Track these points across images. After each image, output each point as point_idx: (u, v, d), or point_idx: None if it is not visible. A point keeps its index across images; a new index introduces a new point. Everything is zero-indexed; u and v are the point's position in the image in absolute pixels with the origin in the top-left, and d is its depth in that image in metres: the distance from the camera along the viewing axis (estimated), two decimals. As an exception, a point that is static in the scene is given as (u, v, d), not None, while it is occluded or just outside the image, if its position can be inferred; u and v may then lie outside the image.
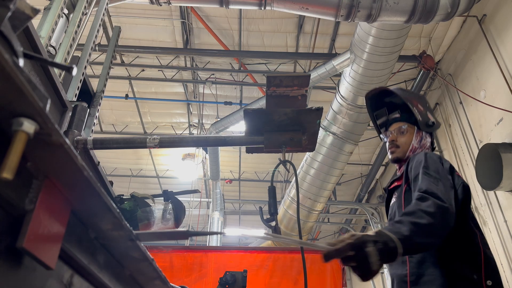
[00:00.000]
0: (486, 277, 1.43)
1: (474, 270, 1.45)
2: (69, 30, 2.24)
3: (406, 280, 1.54)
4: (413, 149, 1.84)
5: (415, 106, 1.85)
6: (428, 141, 1.88)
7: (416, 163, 1.62)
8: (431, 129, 1.86)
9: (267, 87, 1.50)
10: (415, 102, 1.87)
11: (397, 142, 1.87)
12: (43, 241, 0.50)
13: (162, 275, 0.92)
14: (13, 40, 0.44)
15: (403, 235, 1.25)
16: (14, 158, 0.41)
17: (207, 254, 3.79)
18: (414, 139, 1.85)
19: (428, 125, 1.85)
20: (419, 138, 1.86)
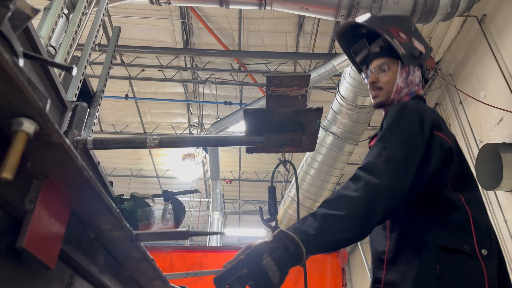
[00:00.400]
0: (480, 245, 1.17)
1: (464, 239, 1.18)
2: (69, 30, 2.24)
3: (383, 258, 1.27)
4: (398, 89, 1.48)
5: (395, 36, 1.48)
6: (417, 76, 1.51)
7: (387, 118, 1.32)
8: (419, 61, 1.49)
9: (267, 87, 1.50)
10: (395, 31, 1.49)
11: (378, 83, 1.50)
12: (43, 241, 0.50)
13: (162, 275, 0.92)
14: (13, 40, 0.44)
15: (308, 234, 1.04)
16: (14, 158, 0.41)
17: (207, 254, 3.79)
18: (399, 77, 1.48)
19: (414, 56, 1.48)
20: (405, 75, 1.49)
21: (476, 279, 1.13)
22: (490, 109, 5.50)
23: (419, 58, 1.48)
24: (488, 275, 1.13)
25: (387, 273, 1.24)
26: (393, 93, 1.49)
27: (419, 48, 1.51)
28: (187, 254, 3.79)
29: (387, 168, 1.15)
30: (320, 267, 3.64)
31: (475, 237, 1.18)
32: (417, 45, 1.51)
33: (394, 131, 1.26)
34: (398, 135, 1.24)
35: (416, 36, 1.54)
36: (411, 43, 1.49)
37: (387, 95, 1.49)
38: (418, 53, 1.48)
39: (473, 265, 1.15)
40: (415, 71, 1.51)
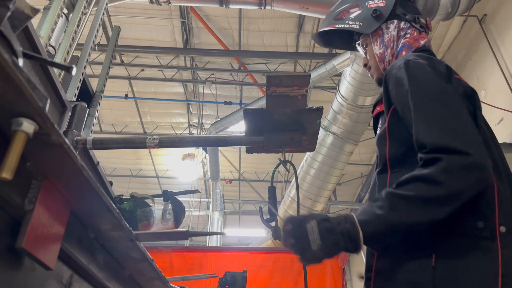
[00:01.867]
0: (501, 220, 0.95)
1: (480, 214, 0.96)
2: (69, 30, 2.24)
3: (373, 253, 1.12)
4: (380, 57, 1.35)
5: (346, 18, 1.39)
6: (391, 31, 1.33)
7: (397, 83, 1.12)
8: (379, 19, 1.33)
9: (267, 87, 1.50)
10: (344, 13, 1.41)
11: (367, 63, 1.42)
12: (42, 241, 0.50)
13: (162, 275, 0.91)
14: (13, 40, 0.44)
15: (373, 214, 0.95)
16: (14, 158, 0.41)
17: (207, 255, 3.79)
18: (374, 46, 1.36)
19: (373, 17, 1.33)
20: (379, 39, 1.34)
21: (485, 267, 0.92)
22: (490, 109, 5.50)
23: (378, 15, 1.33)
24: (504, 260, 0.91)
25: (378, 260, 1.09)
26: (379, 64, 1.36)
27: (375, 5, 1.35)
28: (187, 254, 3.79)
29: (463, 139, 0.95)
30: (320, 267, 3.64)
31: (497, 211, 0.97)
32: (373, 4, 1.36)
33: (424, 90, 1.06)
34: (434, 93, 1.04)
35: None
36: (365, 9, 1.37)
37: (377, 69, 1.38)
38: (374, 12, 1.34)
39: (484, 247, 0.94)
40: (389, 27, 1.34)
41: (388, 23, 1.34)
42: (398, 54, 1.32)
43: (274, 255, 3.75)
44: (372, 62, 1.39)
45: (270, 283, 3.57)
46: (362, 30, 1.36)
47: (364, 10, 1.37)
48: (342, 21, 1.40)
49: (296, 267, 3.66)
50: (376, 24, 1.34)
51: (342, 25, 1.39)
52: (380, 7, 1.35)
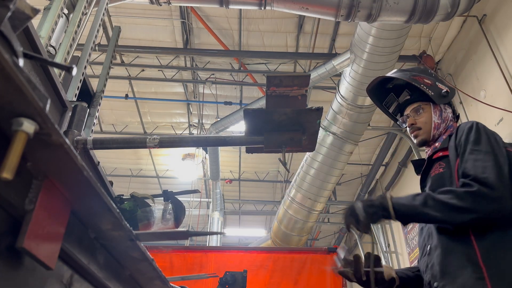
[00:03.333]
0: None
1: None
2: (69, 30, 2.24)
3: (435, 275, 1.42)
4: (436, 126, 1.70)
5: (422, 82, 1.72)
6: (449, 112, 1.73)
7: (465, 134, 1.49)
8: (446, 99, 1.71)
9: (267, 87, 1.50)
10: (420, 78, 1.74)
11: (417, 124, 1.73)
12: (43, 241, 0.50)
13: (162, 275, 0.91)
14: (13, 40, 0.44)
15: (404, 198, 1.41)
16: (14, 158, 0.41)
17: (207, 254, 3.79)
18: (434, 116, 1.71)
19: (442, 95, 1.70)
20: (439, 113, 1.71)
21: None
22: (490, 109, 5.50)
23: (446, 96, 1.70)
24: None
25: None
26: (433, 129, 1.70)
27: (444, 89, 1.72)
28: (187, 254, 3.78)
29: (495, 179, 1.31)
30: (320, 267, 3.64)
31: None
32: (441, 86, 1.72)
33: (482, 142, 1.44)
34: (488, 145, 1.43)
35: (439, 80, 1.77)
36: (436, 85, 1.71)
37: (427, 133, 1.70)
38: (444, 93, 1.70)
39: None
40: (446, 108, 1.73)
41: (446, 106, 1.74)
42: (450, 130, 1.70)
43: (274, 255, 3.75)
44: (426, 126, 1.71)
45: (270, 283, 3.57)
46: (435, 99, 1.68)
47: (435, 86, 1.72)
48: (418, 83, 1.71)
49: (296, 267, 3.66)
50: (444, 100, 1.70)
51: (418, 85, 1.70)
52: (447, 91, 1.72)
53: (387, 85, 1.90)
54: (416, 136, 1.74)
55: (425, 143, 1.73)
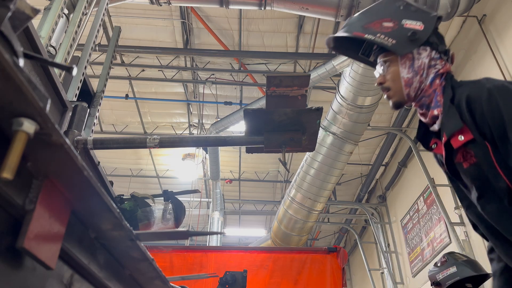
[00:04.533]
0: None
1: None
2: (69, 30, 2.24)
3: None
4: (407, 82, 1.31)
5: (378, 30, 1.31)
6: (424, 57, 1.30)
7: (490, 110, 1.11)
8: (416, 43, 1.29)
9: (267, 87, 1.50)
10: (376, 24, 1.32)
11: (385, 83, 1.36)
12: (43, 241, 0.50)
13: (162, 275, 0.91)
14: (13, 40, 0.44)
15: None
16: (14, 158, 0.41)
17: (207, 254, 3.79)
18: (402, 69, 1.32)
19: (410, 40, 1.28)
20: (409, 63, 1.31)
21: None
22: (490, 109, 5.49)
23: (415, 40, 1.29)
24: None
25: None
26: (404, 87, 1.32)
27: (413, 27, 1.30)
28: (187, 254, 3.78)
29: None
30: (320, 267, 3.63)
31: None
32: (410, 24, 1.30)
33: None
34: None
35: (407, 14, 1.33)
36: (400, 27, 1.31)
37: (399, 93, 1.34)
38: (413, 35, 1.28)
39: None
40: (421, 53, 1.31)
41: (421, 48, 1.31)
42: (431, 84, 1.30)
43: (274, 255, 3.75)
44: (395, 84, 1.34)
45: (270, 282, 3.57)
46: (396, 50, 1.29)
47: (400, 28, 1.31)
48: (373, 33, 1.31)
49: (296, 267, 3.66)
50: (411, 47, 1.29)
51: (372, 37, 1.30)
52: (418, 30, 1.29)
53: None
54: (387, 97, 1.38)
55: (401, 105, 1.36)
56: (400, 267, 8.99)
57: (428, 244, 7.59)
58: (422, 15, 1.33)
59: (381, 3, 1.42)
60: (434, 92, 1.30)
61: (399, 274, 8.93)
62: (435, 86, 1.30)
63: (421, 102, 1.34)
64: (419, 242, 8.01)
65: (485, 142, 1.14)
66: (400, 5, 1.36)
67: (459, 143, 1.19)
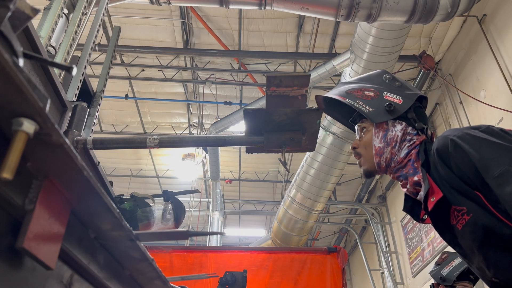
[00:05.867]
0: None
1: None
2: (69, 30, 2.24)
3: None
4: (377, 151, 1.30)
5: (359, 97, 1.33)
6: (398, 130, 1.29)
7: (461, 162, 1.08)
8: (391, 114, 1.29)
9: (267, 87, 1.50)
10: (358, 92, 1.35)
11: (358, 148, 1.37)
12: (43, 241, 0.50)
13: (162, 275, 0.91)
14: (13, 40, 0.44)
15: None
16: (14, 158, 0.41)
17: (207, 254, 3.79)
18: (374, 138, 1.31)
19: (386, 110, 1.28)
20: (382, 133, 1.30)
21: None
22: (490, 109, 5.50)
23: (392, 111, 1.29)
24: None
25: None
26: (374, 156, 1.31)
27: (391, 100, 1.31)
28: (187, 254, 3.78)
29: None
30: (320, 267, 3.63)
31: None
32: (389, 97, 1.32)
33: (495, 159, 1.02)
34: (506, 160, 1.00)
35: (390, 88, 1.36)
36: (380, 98, 1.32)
37: (369, 161, 1.33)
38: (389, 106, 1.29)
39: None
40: (396, 125, 1.30)
41: (396, 122, 1.31)
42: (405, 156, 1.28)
43: (274, 255, 3.75)
44: (366, 152, 1.34)
45: (270, 283, 3.57)
46: (370, 117, 1.30)
47: (379, 98, 1.33)
48: (353, 98, 1.34)
49: (296, 267, 3.66)
50: (386, 117, 1.29)
51: (352, 102, 1.33)
52: (395, 103, 1.31)
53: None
54: (359, 164, 1.38)
55: (371, 175, 1.36)
56: (400, 267, 8.99)
57: (428, 244, 7.59)
58: (404, 91, 1.35)
59: (372, 74, 1.47)
60: (409, 161, 1.27)
61: (399, 274, 8.93)
62: (410, 156, 1.27)
63: (398, 174, 1.31)
64: (419, 242, 8.01)
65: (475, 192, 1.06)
66: (386, 78, 1.40)
67: (431, 205, 1.14)
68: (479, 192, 1.06)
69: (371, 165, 1.33)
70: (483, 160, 1.03)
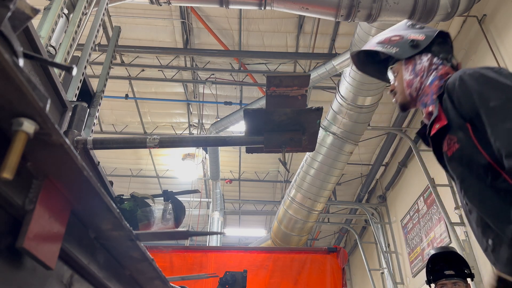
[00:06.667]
0: None
1: None
2: (69, 30, 2.24)
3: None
4: (408, 83, 1.46)
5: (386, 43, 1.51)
6: (425, 61, 1.44)
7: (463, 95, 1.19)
8: (415, 50, 1.45)
9: (267, 87, 1.50)
10: (385, 39, 1.53)
11: (394, 89, 1.52)
12: (43, 241, 0.50)
13: (162, 275, 0.91)
14: (13, 40, 0.44)
15: None
16: (14, 158, 0.41)
17: (207, 254, 3.79)
18: (404, 73, 1.47)
19: (412, 46, 1.46)
20: (411, 67, 1.46)
21: None
22: (490, 109, 5.49)
23: (415, 45, 1.46)
24: None
25: None
26: (405, 88, 1.47)
27: (415, 38, 1.48)
28: (187, 254, 3.78)
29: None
30: (320, 267, 3.63)
31: None
32: (413, 36, 1.49)
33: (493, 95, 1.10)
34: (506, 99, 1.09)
35: (412, 30, 1.53)
36: (404, 39, 1.50)
37: (402, 94, 1.48)
38: (412, 42, 1.46)
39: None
40: (422, 58, 1.46)
41: (422, 55, 1.46)
42: (431, 84, 1.40)
43: (274, 255, 3.75)
44: (399, 87, 1.49)
45: (270, 283, 3.57)
46: (397, 55, 1.47)
47: (404, 40, 1.50)
48: (382, 46, 1.52)
49: (296, 267, 3.66)
50: (411, 52, 1.46)
51: (381, 48, 1.51)
52: (418, 40, 1.47)
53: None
54: (395, 102, 1.53)
55: (406, 107, 1.50)
56: (400, 267, 8.99)
57: (428, 244, 7.59)
58: (425, 30, 1.52)
59: (396, 25, 1.65)
60: (431, 91, 1.40)
61: (399, 274, 8.93)
62: (433, 87, 1.40)
63: (421, 102, 1.45)
64: (419, 242, 8.01)
65: (466, 124, 1.19)
66: (409, 24, 1.59)
67: (434, 131, 1.29)
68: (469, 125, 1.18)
69: (404, 97, 1.48)
70: (482, 93, 1.14)
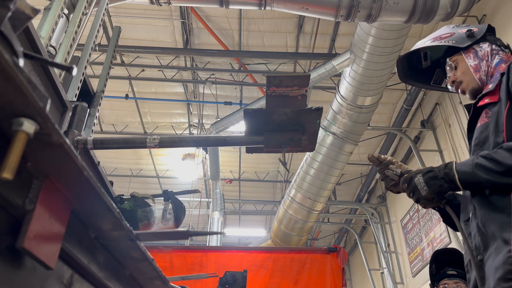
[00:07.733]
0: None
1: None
2: (69, 30, 2.24)
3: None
4: (475, 68, 1.51)
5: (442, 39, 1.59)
6: (485, 48, 1.53)
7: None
8: (473, 38, 1.54)
9: (267, 87, 1.50)
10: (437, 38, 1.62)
11: (457, 79, 1.56)
12: (43, 241, 0.50)
13: (162, 275, 0.91)
14: (13, 40, 0.44)
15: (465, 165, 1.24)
16: (14, 158, 0.41)
17: (207, 254, 3.79)
18: (468, 60, 1.53)
19: (467, 36, 1.55)
20: (473, 55, 1.53)
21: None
22: (490, 109, 5.49)
23: (472, 36, 1.54)
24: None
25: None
26: (474, 73, 1.51)
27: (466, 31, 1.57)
28: (187, 254, 3.78)
29: None
30: (320, 267, 3.63)
31: None
32: (464, 30, 1.58)
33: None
34: None
35: (459, 27, 1.63)
36: (457, 33, 1.58)
37: (472, 80, 1.52)
38: (468, 31, 1.55)
39: None
40: (481, 45, 1.54)
41: (480, 43, 1.55)
42: (496, 67, 1.47)
43: (274, 255, 3.75)
44: (466, 75, 1.53)
45: (270, 283, 3.57)
46: (458, 44, 1.54)
47: (457, 34, 1.58)
48: (438, 42, 1.59)
49: (296, 267, 3.66)
50: (470, 41, 1.54)
51: (438, 42, 1.58)
52: (473, 30, 1.57)
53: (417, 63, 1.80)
54: (463, 91, 1.55)
55: (477, 92, 1.51)
56: (400, 267, 8.99)
57: (428, 244, 7.59)
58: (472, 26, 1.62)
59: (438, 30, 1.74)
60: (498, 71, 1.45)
61: (399, 274, 8.93)
62: (499, 68, 1.45)
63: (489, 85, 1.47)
64: (419, 242, 8.01)
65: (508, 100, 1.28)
66: (452, 26, 1.68)
67: (482, 103, 1.38)
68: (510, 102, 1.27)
69: (474, 82, 1.51)
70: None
